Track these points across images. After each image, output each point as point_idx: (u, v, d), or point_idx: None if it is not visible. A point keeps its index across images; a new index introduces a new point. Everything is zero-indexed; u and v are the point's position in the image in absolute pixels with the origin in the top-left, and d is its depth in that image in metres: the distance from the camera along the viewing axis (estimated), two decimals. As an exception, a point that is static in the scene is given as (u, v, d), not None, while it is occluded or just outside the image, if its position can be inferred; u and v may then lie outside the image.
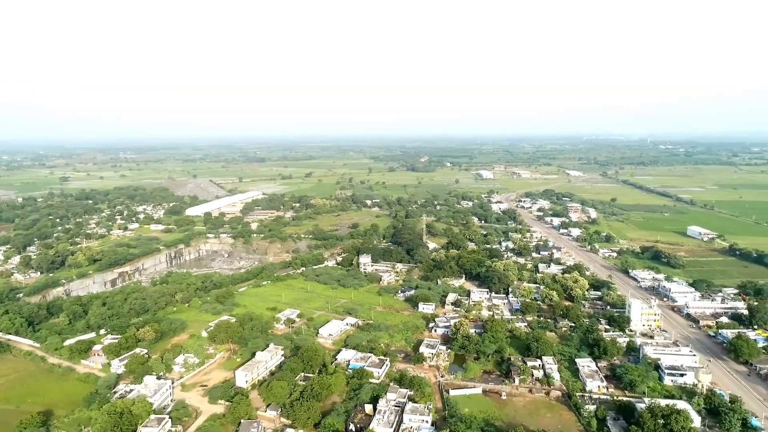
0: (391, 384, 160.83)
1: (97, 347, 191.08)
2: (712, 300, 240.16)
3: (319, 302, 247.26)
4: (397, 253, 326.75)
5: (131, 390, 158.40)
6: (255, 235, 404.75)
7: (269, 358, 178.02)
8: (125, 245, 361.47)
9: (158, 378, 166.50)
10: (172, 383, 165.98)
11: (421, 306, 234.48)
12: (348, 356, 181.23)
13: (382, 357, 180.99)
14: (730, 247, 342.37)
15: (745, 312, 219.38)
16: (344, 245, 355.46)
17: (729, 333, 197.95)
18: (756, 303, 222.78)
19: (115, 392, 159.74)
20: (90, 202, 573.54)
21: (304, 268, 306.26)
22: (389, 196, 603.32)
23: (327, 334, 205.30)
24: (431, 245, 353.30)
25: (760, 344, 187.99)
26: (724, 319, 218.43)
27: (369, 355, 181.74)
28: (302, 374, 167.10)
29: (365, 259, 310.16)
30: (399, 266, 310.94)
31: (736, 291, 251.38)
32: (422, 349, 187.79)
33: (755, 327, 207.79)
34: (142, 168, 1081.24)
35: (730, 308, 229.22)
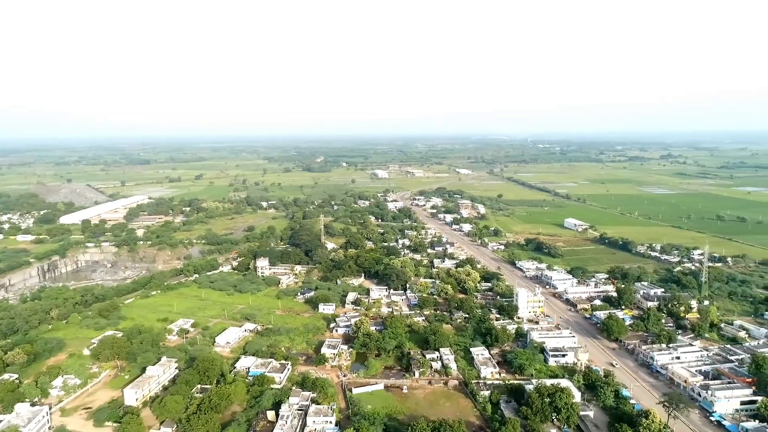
0: (294, 388, 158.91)
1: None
2: (587, 285, 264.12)
3: (214, 310, 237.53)
4: (296, 255, 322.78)
5: (0, 421, 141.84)
6: (141, 242, 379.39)
7: (162, 372, 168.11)
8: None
9: (32, 405, 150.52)
10: (50, 409, 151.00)
11: (321, 307, 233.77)
12: (247, 363, 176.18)
13: (283, 361, 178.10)
14: (601, 236, 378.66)
15: (614, 294, 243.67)
16: (240, 249, 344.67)
17: (601, 314, 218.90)
18: (623, 286, 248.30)
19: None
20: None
21: (197, 275, 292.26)
22: (285, 197, 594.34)
23: (224, 342, 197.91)
24: (330, 245, 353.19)
25: (627, 322, 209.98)
26: (597, 302, 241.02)
27: (270, 360, 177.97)
28: (199, 386, 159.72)
29: (262, 263, 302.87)
30: (298, 268, 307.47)
31: (606, 276, 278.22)
32: (324, 350, 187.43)
33: (623, 307, 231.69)
34: (4, 173, 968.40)
35: (602, 292, 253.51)
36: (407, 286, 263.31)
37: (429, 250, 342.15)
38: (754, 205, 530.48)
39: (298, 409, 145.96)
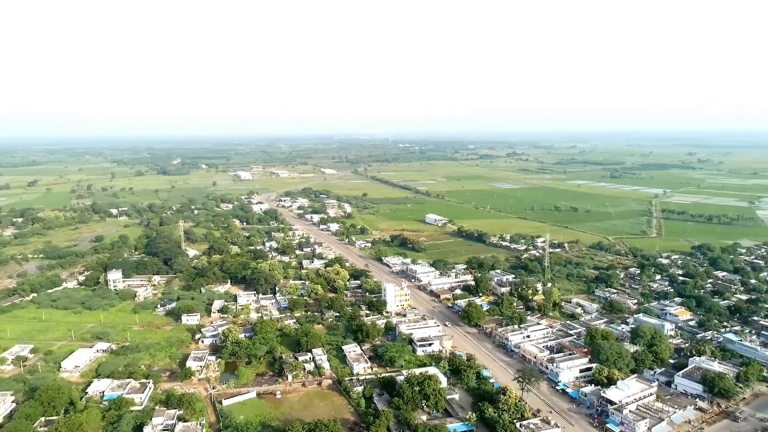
0: (157, 407, 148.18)
1: None
2: (448, 276, 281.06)
3: (59, 331, 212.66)
4: (153, 265, 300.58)
5: None
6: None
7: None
8: None
9: None
10: None
11: (184, 318, 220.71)
12: (101, 387, 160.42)
13: (143, 380, 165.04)
14: (458, 229, 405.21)
15: (473, 283, 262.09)
16: (87, 262, 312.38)
17: (462, 302, 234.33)
18: (479, 275, 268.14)
19: None
20: None
21: (35, 294, 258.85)
22: (139, 202, 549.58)
23: (72, 367, 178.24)
24: (191, 252, 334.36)
25: (485, 308, 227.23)
26: (458, 291, 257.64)
27: (128, 380, 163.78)
28: (43, 419, 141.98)
29: (115, 275, 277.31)
30: (156, 278, 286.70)
31: (465, 266, 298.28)
32: (189, 363, 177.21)
33: (480, 294, 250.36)
34: None
35: (462, 281, 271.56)
36: (276, 289, 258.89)
37: (297, 252, 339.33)
38: (583, 196, 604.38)
39: (164, 430, 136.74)
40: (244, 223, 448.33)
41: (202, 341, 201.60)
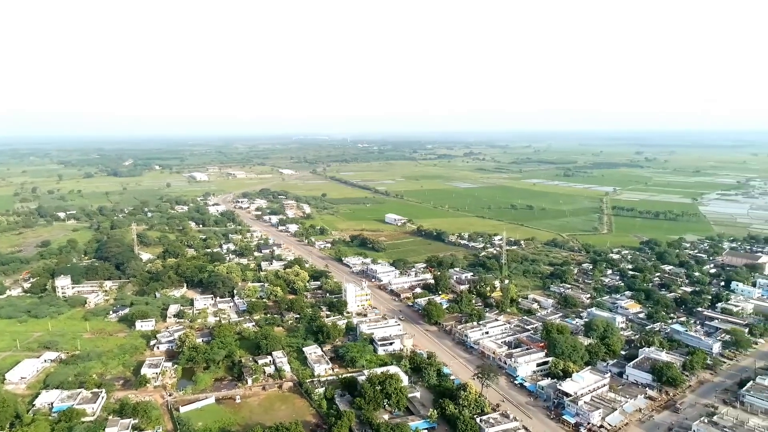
0: (111, 417, 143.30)
1: None
2: (408, 275, 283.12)
3: (2, 341, 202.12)
4: (105, 270, 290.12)
5: None
6: None
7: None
8: None
9: None
10: None
11: (138, 324, 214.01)
12: (50, 398, 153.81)
13: (96, 390, 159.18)
14: (418, 229, 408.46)
15: (432, 281, 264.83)
16: (33, 268, 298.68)
17: (422, 301, 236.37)
18: (439, 273, 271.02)
19: None
20: None
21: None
22: (88, 205, 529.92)
23: (18, 378, 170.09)
24: (145, 256, 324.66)
25: (444, 306, 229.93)
26: (418, 290, 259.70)
27: (79, 390, 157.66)
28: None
29: (63, 281, 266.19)
30: (108, 284, 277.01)
31: (424, 265, 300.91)
32: (144, 370, 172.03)
33: (440, 292, 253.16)
34: None
35: (422, 280, 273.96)
36: (234, 292, 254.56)
37: (256, 254, 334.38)
38: (538, 194, 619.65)
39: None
40: (200, 226, 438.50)
41: (158, 347, 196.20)
